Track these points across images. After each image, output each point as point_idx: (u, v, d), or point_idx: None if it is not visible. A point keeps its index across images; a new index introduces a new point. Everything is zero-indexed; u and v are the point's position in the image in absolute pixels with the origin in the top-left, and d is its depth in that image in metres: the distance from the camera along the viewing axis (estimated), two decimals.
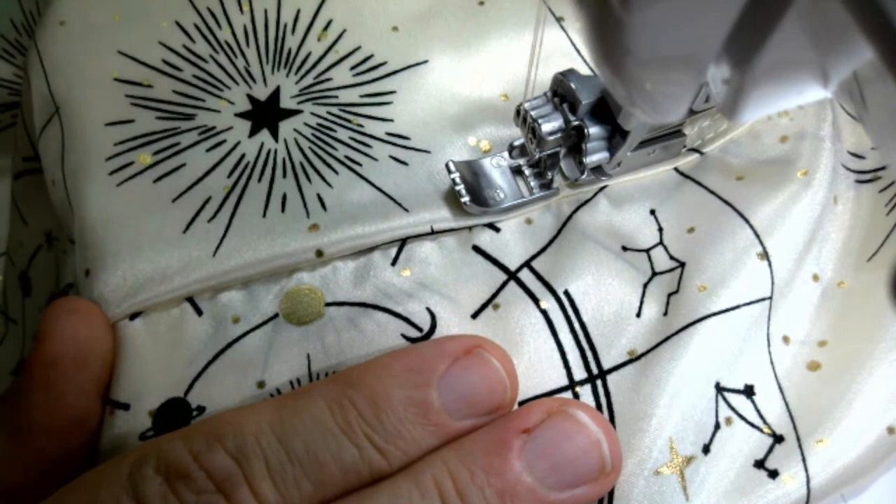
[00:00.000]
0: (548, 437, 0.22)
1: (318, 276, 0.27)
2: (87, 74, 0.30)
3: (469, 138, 0.29)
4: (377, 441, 0.21)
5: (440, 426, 0.22)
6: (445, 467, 0.21)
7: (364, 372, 0.22)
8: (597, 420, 0.23)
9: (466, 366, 0.22)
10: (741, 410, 0.25)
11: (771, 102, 0.18)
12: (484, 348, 0.23)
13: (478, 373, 0.23)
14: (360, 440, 0.21)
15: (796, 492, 0.24)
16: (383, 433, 0.21)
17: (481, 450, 0.21)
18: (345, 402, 0.21)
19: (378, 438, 0.21)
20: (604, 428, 0.22)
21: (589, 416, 0.22)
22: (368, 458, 0.21)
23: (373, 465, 0.21)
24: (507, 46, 0.31)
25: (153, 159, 0.28)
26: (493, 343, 0.24)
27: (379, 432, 0.21)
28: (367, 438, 0.21)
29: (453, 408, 0.22)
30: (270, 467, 0.20)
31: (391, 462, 0.21)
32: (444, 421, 0.22)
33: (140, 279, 0.26)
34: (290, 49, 0.31)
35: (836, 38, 0.15)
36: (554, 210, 0.29)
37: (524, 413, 0.22)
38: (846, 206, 0.30)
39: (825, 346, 0.27)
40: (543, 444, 0.21)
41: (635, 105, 0.18)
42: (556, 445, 0.22)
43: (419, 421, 0.21)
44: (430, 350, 0.23)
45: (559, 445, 0.22)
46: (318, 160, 0.28)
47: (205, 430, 0.21)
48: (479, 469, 0.21)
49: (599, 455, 0.22)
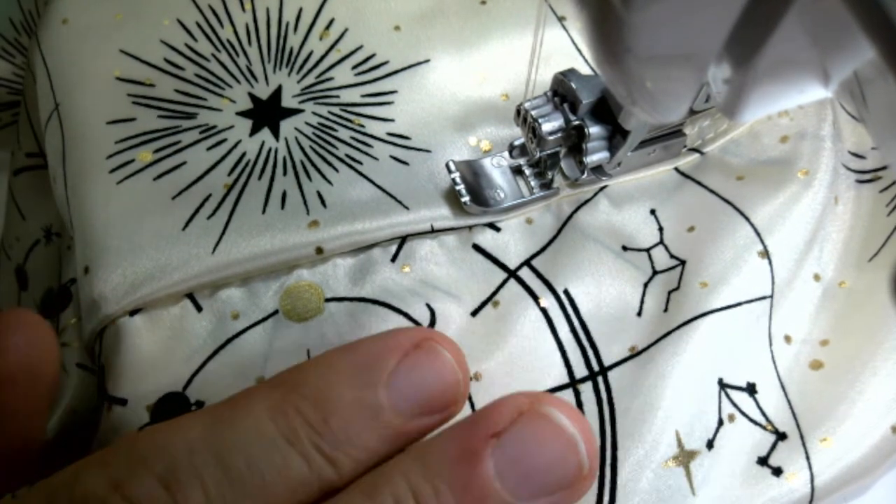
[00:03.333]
0: (520, 441, 0.19)
1: (317, 272, 0.27)
2: (89, 73, 0.30)
3: (469, 138, 0.29)
4: (326, 450, 0.19)
5: (391, 428, 0.20)
6: (407, 483, 0.18)
7: (307, 372, 0.20)
8: (573, 418, 0.20)
9: (417, 360, 0.20)
10: (744, 407, 0.25)
11: (772, 102, 0.18)
12: (435, 340, 0.21)
13: (429, 368, 0.20)
14: (307, 450, 0.19)
15: (800, 490, 0.24)
16: (332, 440, 0.19)
17: (447, 460, 0.19)
18: (288, 408, 0.19)
19: (327, 447, 0.19)
20: (581, 427, 0.20)
21: (565, 415, 0.20)
22: (318, 469, 0.19)
23: (322, 478, 0.19)
24: (509, 46, 0.31)
25: (154, 157, 0.28)
26: (443, 335, 0.22)
27: (328, 440, 0.19)
28: (316, 448, 0.19)
29: (404, 407, 0.20)
30: (207, 491, 0.18)
31: (341, 472, 0.19)
32: (395, 422, 0.20)
33: (140, 276, 0.26)
34: (291, 48, 0.31)
35: (837, 37, 0.15)
36: (554, 210, 0.29)
37: (493, 414, 0.19)
38: (847, 206, 0.30)
39: (827, 346, 0.27)
40: (515, 450, 0.19)
41: (636, 104, 0.18)
42: (528, 451, 0.19)
43: (369, 424, 0.19)
44: (378, 345, 0.20)
45: (532, 451, 0.19)
46: (318, 158, 0.28)
47: (126, 454, 0.18)
48: (445, 484, 0.18)
49: (577, 458, 0.19)
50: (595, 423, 0.25)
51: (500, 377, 0.25)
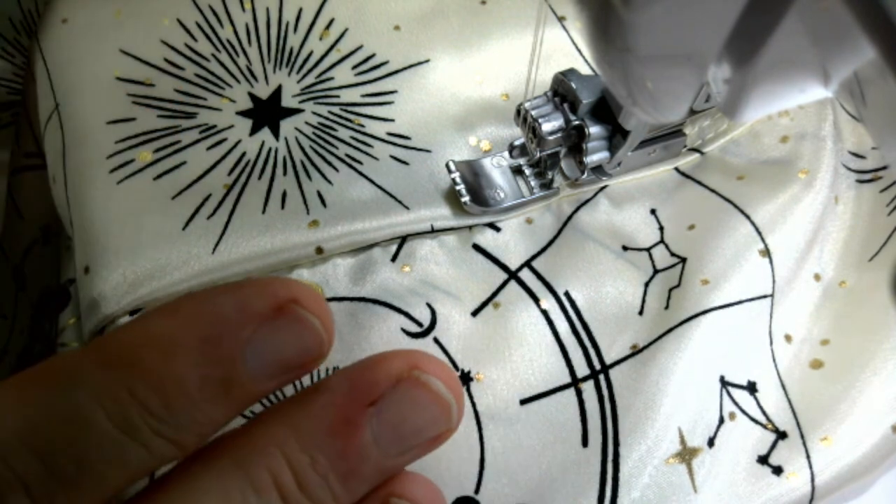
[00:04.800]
0: (397, 408, 0.19)
1: (317, 272, 0.27)
2: (89, 73, 0.30)
3: (470, 138, 0.29)
4: (169, 434, 0.17)
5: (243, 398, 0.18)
6: (283, 456, 0.17)
7: (146, 348, 0.17)
8: (449, 383, 0.20)
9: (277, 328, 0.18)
10: (744, 406, 0.25)
11: (772, 102, 0.18)
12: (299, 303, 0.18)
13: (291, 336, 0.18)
14: (147, 438, 0.16)
15: (801, 488, 0.25)
16: (175, 424, 0.17)
17: (324, 430, 0.18)
18: (122, 394, 0.16)
19: (170, 430, 0.17)
20: (455, 392, 0.20)
21: (441, 380, 0.19)
22: (160, 453, 0.17)
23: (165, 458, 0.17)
24: (509, 46, 0.31)
25: (153, 157, 0.28)
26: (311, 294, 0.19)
27: (171, 424, 0.17)
28: (157, 434, 0.16)
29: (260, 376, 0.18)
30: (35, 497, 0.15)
31: (186, 450, 0.17)
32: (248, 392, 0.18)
33: (140, 276, 0.26)
34: (291, 48, 0.31)
35: (837, 36, 0.15)
36: (554, 210, 0.29)
37: (370, 382, 0.19)
38: (847, 206, 0.30)
39: (827, 345, 0.27)
40: (392, 417, 0.19)
41: (636, 104, 0.18)
42: (405, 417, 0.19)
43: (220, 401, 0.17)
44: (231, 311, 0.17)
45: (408, 417, 0.19)
46: (318, 158, 0.28)
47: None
48: (322, 454, 0.18)
49: (448, 420, 0.20)
50: (597, 420, 0.25)
51: (501, 377, 0.25)
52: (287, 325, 0.18)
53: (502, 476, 0.24)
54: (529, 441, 0.25)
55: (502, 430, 0.25)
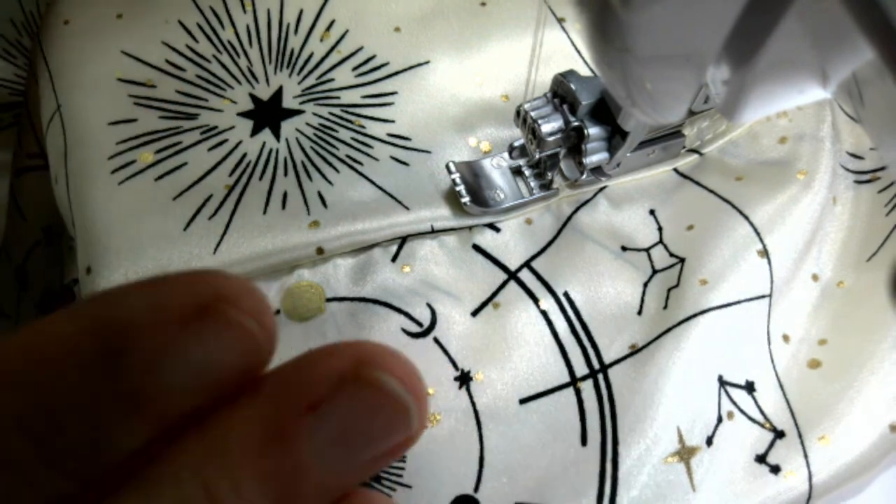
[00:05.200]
0: (343, 416, 0.15)
1: (318, 272, 0.27)
2: (91, 75, 0.30)
3: (469, 139, 0.30)
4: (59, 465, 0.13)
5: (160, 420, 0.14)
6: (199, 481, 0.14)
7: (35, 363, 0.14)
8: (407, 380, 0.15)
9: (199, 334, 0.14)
10: (742, 405, 0.26)
11: (771, 102, 0.18)
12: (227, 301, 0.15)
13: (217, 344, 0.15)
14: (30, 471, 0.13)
15: (798, 487, 0.25)
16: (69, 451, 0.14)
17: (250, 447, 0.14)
18: None
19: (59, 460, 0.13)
20: (415, 390, 0.15)
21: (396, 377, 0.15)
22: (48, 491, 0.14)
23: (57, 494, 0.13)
24: (508, 47, 0.31)
25: (155, 158, 0.28)
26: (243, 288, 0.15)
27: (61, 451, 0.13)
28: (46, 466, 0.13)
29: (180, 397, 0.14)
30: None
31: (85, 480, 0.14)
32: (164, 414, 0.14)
33: (142, 276, 0.26)
34: (292, 49, 0.31)
35: (836, 38, 0.15)
36: (554, 210, 0.29)
37: (307, 383, 0.15)
38: (845, 207, 0.30)
39: (825, 345, 0.27)
40: (337, 427, 0.15)
41: (636, 105, 0.19)
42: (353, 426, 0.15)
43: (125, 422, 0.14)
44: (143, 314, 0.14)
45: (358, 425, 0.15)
46: (319, 159, 0.28)
47: None
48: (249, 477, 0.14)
49: (406, 426, 0.15)
50: (596, 419, 0.25)
51: (500, 376, 0.25)
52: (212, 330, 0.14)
53: (502, 475, 0.24)
54: (529, 440, 0.25)
55: (502, 428, 0.25)
